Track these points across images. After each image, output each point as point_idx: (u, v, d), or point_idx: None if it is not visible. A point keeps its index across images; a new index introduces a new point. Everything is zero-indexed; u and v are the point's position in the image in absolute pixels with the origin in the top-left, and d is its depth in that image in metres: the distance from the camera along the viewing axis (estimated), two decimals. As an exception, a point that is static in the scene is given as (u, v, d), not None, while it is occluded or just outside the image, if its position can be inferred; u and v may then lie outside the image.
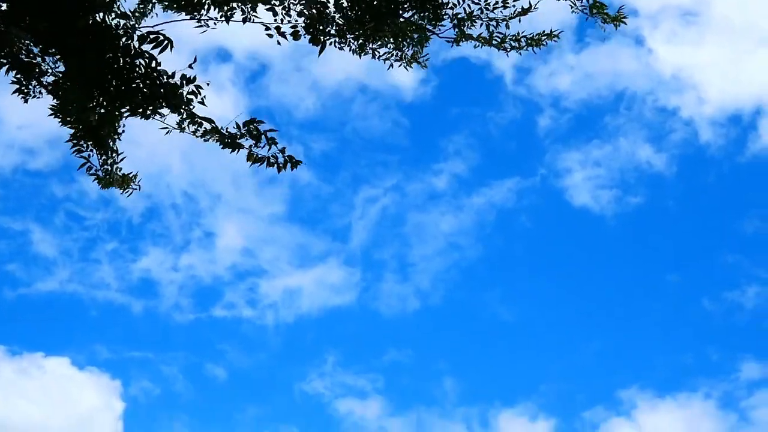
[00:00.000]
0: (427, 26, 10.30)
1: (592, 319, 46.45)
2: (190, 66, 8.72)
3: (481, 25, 10.45)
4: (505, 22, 10.42)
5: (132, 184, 9.49)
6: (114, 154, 9.16)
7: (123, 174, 9.37)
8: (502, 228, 45.80)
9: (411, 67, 11.08)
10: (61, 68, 8.34)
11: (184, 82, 8.49)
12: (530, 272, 47.22)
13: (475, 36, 10.50)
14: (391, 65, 11.00)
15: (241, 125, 8.64)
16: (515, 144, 45.17)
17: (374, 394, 41.48)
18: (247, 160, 8.80)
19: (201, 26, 9.32)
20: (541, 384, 44.29)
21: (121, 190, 9.44)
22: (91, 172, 9.24)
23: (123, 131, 9.11)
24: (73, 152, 9.05)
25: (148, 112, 8.48)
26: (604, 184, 43.41)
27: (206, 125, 8.68)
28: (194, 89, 8.55)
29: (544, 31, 10.65)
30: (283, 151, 8.82)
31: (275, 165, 8.81)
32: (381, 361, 43.21)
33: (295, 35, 9.12)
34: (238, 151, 8.84)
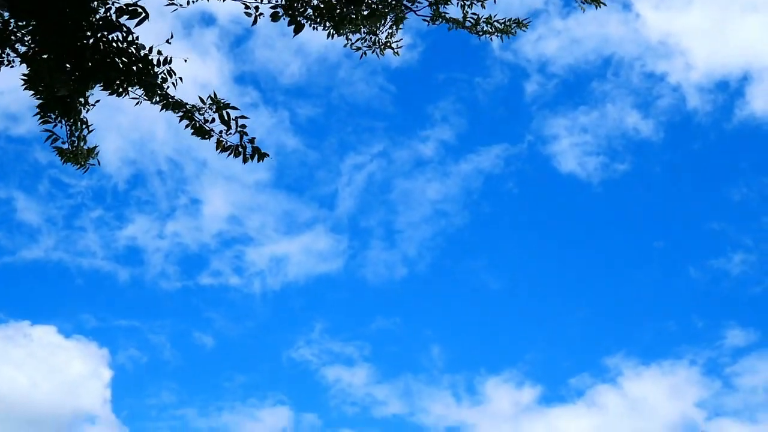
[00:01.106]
0: (405, 2, 10.27)
1: (578, 287, 46.52)
2: (167, 41, 8.66)
3: (457, 4, 10.41)
4: (480, 3, 10.38)
5: (91, 158, 9.36)
6: (83, 126, 9.04)
7: (88, 148, 9.25)
8: (488, 195, 45.64)
9: (383, 54, 11.06)
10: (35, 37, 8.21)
11: (160, 60, 8.44)
12: (517, 239, 47.19)
13: (449, 16, 10.46)
14: (364, 53, 10.96)
15: (214, 98, 8.59)
16: (502, 110, 44.94)
17: (361, 361, 41.30)
18: (216, 148, 8.80)
19: (172, 4, 9.18)
20: (527, 351, 44.39)
21: (78, 167, 9.28)
22: (56, 144, 9.10)
23: (97, 102, 8.99)
24: (40, 122, 8.91)
25: (120, 90, 8.40)
26: (591, 151, 43.37)
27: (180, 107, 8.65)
28: (169, 70, 8.51)
29: (513, 19, 10.71)
30: (252, 141, 8.84)
31: (242, 155, 8.82)
32: (368, 329, 43.00)
33: (274, 17, 9.09)
34: (209, 137, 8.83)
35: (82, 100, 8.82)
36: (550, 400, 41.28)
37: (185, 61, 8.56)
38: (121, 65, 8.30)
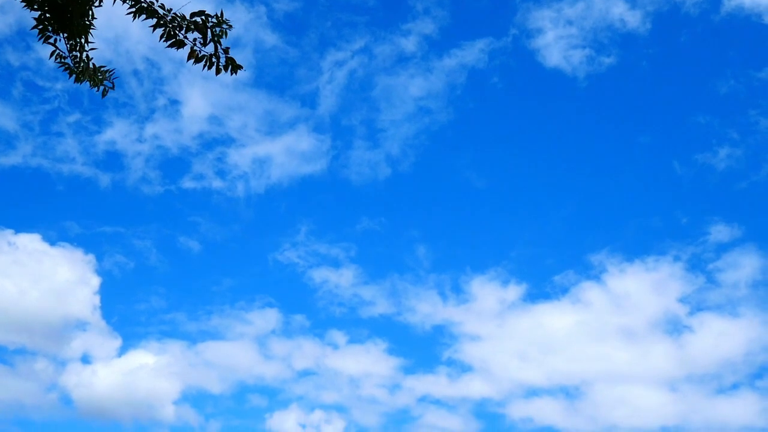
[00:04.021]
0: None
1: (562, 183, 42.22)
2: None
3: None
4: None
5: (106, 80, 8.82)
6: (82, 39, 8.51)
7: (94, 65, 8.71)
8: (473, 90, 41.58)
9: None
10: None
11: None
12: (501, 135, 43.16)
13: None
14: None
15: (188, 17, 7.68)
16: (486, 1, 40.09)
17: (348, 262, 39.44)
18: (188, 59, 7.84)
19: None
20: (512, 249, 40.94)
21: (94, 86, 8.79)
22: (60, 60, 8.67)
23: (95, 19, 8.41)
24: (40, 39, 8.52)
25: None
26: (577, 44, 38.55)
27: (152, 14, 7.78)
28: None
29: None
30: (226, 50, 7.80)
31: (215, 66, 7.78)
32: (353, 230, 40.95)
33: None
34: (183, 47, 7.89)
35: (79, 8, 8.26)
36: (535, 297, 40.19)
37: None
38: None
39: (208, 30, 7.68)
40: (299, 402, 38.58)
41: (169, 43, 7.82)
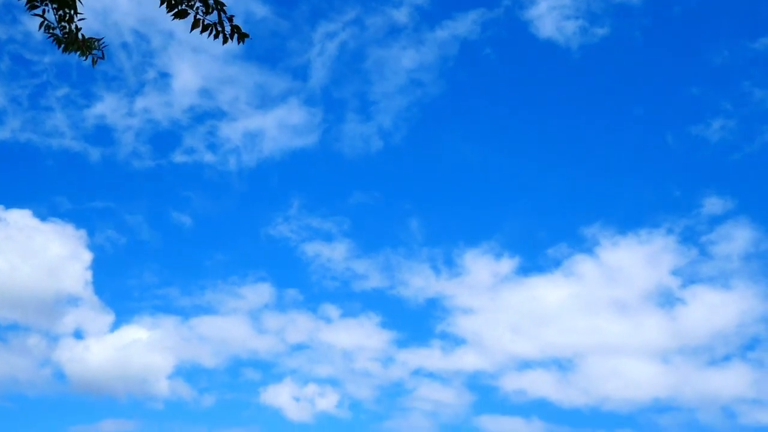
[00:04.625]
0: None
1: (555, 156, 42.50)
2: None
3: None
4: None
5: (95, 49, 8.25)
6: (72, 10, 7.93)
7: (83, 35, 8.14)
8: (465, 62, 41.42)
9: None
10: None
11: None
12: (494, 108, 43.20)
13: None
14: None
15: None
16: None
17: (341, 236, 39.24)
18: (193, 28, 7.32)
19: None
20: (504, 222, 41.16)
21: (83, 56, 8.22)
22: (49, 31, 8.09)
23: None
24: (27, 8, 7.93)
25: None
26: (570, 15, 38.57)
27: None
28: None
29: None
30: (231, 19, 7.28)
31: (221, 34, 7.26)
32: (346, 204, 40.68)
33: None
34: (186, 17, 7.33)
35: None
36: (528, 270, 39.63)
37: None
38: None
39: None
40: (293, 375, 38.18)
41: (173, 12, 7.27)
